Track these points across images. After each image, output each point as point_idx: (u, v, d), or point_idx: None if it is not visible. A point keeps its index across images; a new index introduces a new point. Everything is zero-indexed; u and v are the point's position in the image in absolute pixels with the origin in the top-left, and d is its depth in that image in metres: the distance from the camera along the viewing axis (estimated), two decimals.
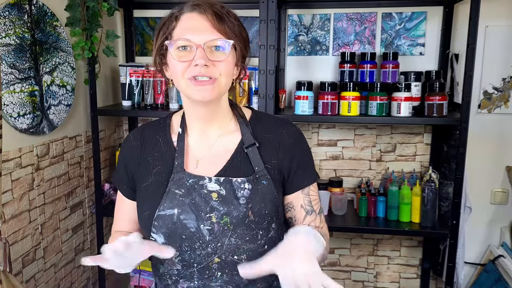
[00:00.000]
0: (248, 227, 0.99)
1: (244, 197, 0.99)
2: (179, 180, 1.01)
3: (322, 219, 1.11)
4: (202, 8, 0.96)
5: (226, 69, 0.97)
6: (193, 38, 0.94)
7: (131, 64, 2.28)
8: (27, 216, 1.77)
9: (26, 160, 1.75)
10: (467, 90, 1.90)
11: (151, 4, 2.43)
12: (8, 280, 1.37)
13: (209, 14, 0.95)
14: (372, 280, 2.55)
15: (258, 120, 1.09)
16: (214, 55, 0.95)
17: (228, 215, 0.98)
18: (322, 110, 2.05)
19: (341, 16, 2.33)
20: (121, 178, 1.12)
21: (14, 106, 1.66)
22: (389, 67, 2.14)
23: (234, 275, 1.00)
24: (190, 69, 0.95)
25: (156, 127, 1.12)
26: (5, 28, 1.61)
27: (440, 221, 2.12)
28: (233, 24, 0.98)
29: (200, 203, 0.99)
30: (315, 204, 1.09)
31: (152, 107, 2.21)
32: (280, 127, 1.08)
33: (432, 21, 2.27)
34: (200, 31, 0.95)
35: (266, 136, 1.06)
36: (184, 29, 0.96)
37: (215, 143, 1.06)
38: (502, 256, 2.26)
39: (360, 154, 2.42)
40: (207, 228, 0.98)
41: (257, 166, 1.02)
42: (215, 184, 1.00)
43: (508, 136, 2.30)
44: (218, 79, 0.96)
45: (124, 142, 1.14)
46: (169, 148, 1.07)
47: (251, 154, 1.03)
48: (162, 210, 0.99)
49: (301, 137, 1.10)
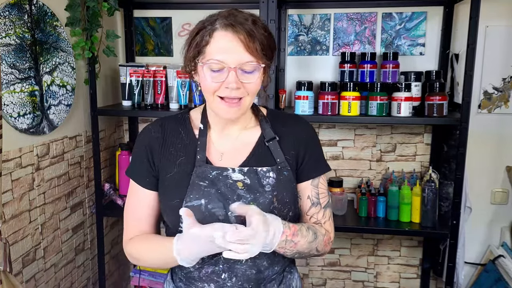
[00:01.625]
0: (272, 213, 1.04)
1: (270, 184, 1.06)
2: (201, 173, 1.06)
3: (327, 214, 1.16)
4: (235, 28, 0.99)
5: (254, 89, 1.04)
6: (226, 60, 0.99)
7: (131, 64, 2.28)
8: (27, 216, 1.77)
9: (26, 160, 1.75)
10: (467, 90, 1.90)
11: (151, 4, 2.43)
12: (8, 280, 1.37)
13: (241, 35, 0.99)
14: (372, 280, 2.55)
15: (274, 116, 1.17)
16: (245, 77, 1.01)
17: (254, 202, 1.04)
18: (322, 110, 2.05)
19: (341, 16, 2.33)
20: (141, 170, 1.12)
21: (14, 106, 1.66)
22: (389, 67, 2.14)
23: (256, 258, 1.05)
24: (221, 89, 1.01)
25: (176, 120, 1.16)
26: (5, 28, 1.61)
27: (440, 221, 2.12)
28: (263, 38, 1.01)
29: (226, 192, 1.04)
30: (322, 197, 1.15)
31: (152, 107, 2.21)
32: (295, 122, 1.17)
33: (432, 21, 2.27)
34: (233, 53, 0.99)
35: (283, 129, 1.14)
36: (217, 49, 1.00)
37: (237, 138, 1.13)
38: (502, 256, 2.26)
39: (360, 154, 2.42)
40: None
41: (279, 158, 1.10)
42: (239, 174, 1.06)
43: (508, 136, 2.30)
44: (244, 97, 1.03)
45: (143, 134, 1.16)
46: (192, 140, 1.11)
47: (272, 147, 1.11)
48: (189, 202, 1.03)
49: (314, 131, 1.19)
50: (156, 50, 2.49)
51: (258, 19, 1.04)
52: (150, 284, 2.36)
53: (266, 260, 1.08)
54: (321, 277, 2.59)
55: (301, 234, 1.05)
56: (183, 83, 2.15)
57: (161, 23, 2.47)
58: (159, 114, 2.25)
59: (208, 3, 2.32)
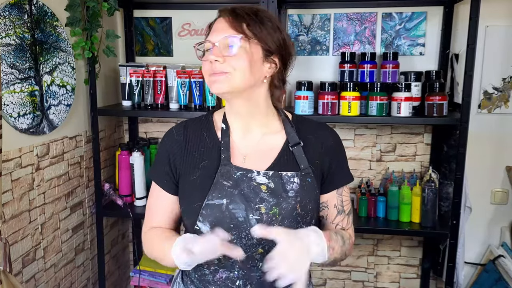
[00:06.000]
0: (295, 219, 1.04)
1: (293, 190, 1.05)
2: (226, 173, 1.05)
3: (350, 220, 1.18)
4: (224, 11, 1.05)
5: (238, 64, 1.01)
6: (213, 39, 1.03)
7: (131, 64, 2.28)
8: (27, 216, 1.77)
9: (26, 160, 1.75)
10: (467, 90, 1.90)
11: (151, 4, 2.43)
12: (8, 280, 1.37)
13: (227, 16, 1.03)
14: (372, 280, 2.55)
15: (300, 122, 1.16)
16: (228, 50, 1.01)
17: (277, 206, 1.03)
18: (322, 110, 2.05)
19: (341, 16, 2.33)
20: (162, 172, 1.13)
21: (14, 106, 1.66)
22: (389, 67, 2.14)
23: None
24: (208, 67, 1.03)
25: (199, 123, 1.16)
26: (5, 28, 1.61)
27: (440, 221, 2.12)
28: (255, 21, 1.02)
29: (250, 194, 1.04)
30: (346, 205, 1.16)
31: (152, 107, 2.21)
32: (322, 129, 1.15)
33: (432, 21, 2.27)
34: (218, 31, 1.03)
35: (309, 137, 1.12)
36: (210, 34, 1.06)
37: (259, 141, 1.11)
38: (502, 256, 2.26)
39: (360, 154, 2.42)
40: (255, 218, 1.02)
41: (303, 164, 1.08)
42: (264, 177, 1.05)
43: (508, 136, 2.30)
44: (231, 73, 1.01)
45: (166, 137, 1.16)
46: (215, 143, 1.11)
47: (297, 153, 1.09)
48: (211, 200, 1.03)
49: (340, 140, 1.17)
50: (156, 50, 2.49)
51: (264, 10, 1.06)
52: (150, 284, 2.35)
53: None
54: (321, 277, 2.59)
55: (334, 239, 1.05)
56: (183, 83, 2.15)
57: (161, 23, 2.47)
58: (159, 114, 2.26)
59: (208, 3, 2.32)
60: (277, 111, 1.15)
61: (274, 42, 1.05)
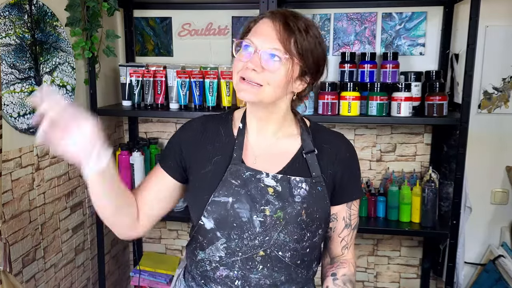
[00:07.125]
0: (299, 225, 1.03)
1: (300, 196, 1.04)
2: (236, 172, 1.05)
3: (354, 236, 1.17)
4: (276, 16, 1.00)
5: (273, 79, 0.99)
6: (256, 42, 0.99)
7: (131, 64, 2.28)
8: (27, 216, 1.77)
9: (26, 160, 1.75)
10: (467, 90, 1.90)
11: (151, 4, 2.43)
12: (8, 280, 1.37)
13: (278, 24, 0.99)
14: (372, 280, 2.55)
15: (316, 130, 1.15)
16: (269, 63, 0.98)
17: (282, 210, 1.03)
18: (322, 110, 2.05)
19: (341, 16, 2.33)
20: (169, 154, 1.14)
21: (14, 106, 1.66)
22: (389, 67, 2.14)
23: (274, 271, 1.05)
24: (243, 69, 1.00)
25: (219, 119, 1.16)
26: (5, 28, 1.61)
27: (440, 221, 2.12)
28: (303, 39, 0.99)
29: (256, 195, 1.03)
30: (353, 219, 1.15)
31: (152, 107, 2.21)
32: (338, 139, 1.15)
33: (432, 21, 2.27)
34: (264, 37, 0.99)
35: (325, 146, 1.11)
36: (253, 32, 1.02)
37: (273, 144, 1.11)
38: (502, 256, 2.26)
39: (360, 154, 2.42)
40: (259, 220, 1.02)
41: (315, 172, 1.08)
42: (272, 180, 1.05)
43: (508, 136, 2.30)
44: (263, 86, 1.00)
45: (186, 124, 1.17)
46: (230, 140, 1.11)
47: (310, 160, 1.08)
48: (217, 197, 1.04)
49: (355, 152, 1.16)
50: (156, 50, 2.49)
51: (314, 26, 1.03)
52: (150, 284, 2.36)
53: (284, 275, 1.07)
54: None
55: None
56: (183, 83, 2.15)
57: (161, 23, 2.47)
58: (159, 114, 2.26)
59: (208, 3, 2.32)
60: (294, 116, 1.15)
61: (314, 64, 1.04)
